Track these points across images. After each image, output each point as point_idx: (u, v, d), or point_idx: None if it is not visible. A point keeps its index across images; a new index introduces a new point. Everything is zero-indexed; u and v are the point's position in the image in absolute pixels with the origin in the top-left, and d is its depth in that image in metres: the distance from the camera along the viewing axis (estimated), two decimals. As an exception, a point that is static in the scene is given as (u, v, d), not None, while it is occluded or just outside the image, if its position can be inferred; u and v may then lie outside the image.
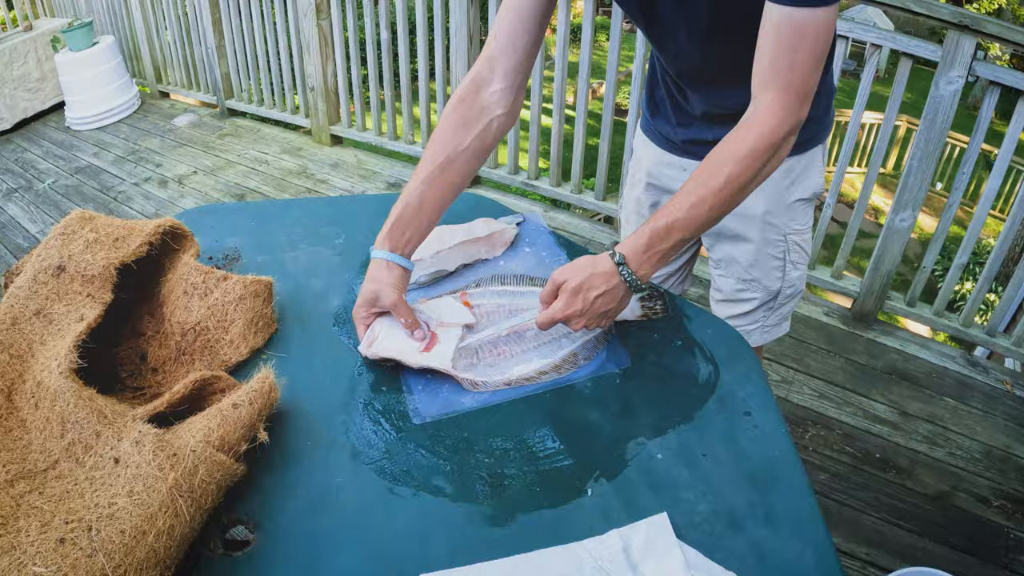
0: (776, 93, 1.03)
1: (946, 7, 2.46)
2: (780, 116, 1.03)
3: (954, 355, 2.87)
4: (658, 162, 1.47)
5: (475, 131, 1.18)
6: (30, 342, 1.02)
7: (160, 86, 5.88)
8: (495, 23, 1.22)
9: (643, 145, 1.53)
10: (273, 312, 1.14)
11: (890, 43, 2.62)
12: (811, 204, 1.42)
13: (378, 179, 4.18)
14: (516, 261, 1.29)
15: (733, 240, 1.44)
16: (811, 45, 1.00)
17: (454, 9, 3.51)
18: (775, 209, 1.36)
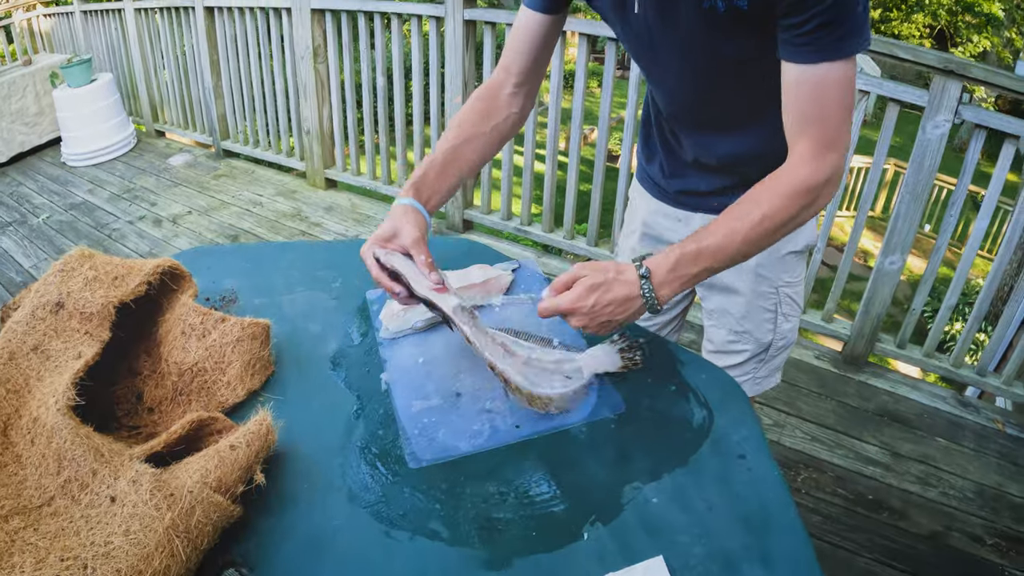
0: (807, 142, 1.05)
1: (932, 53, 2.51)
2: (813, 164, 1.04)
3: (945, 395, 2.89)
4: (654, 212, 1.49)
5: (494, 121, 1.29)
6: (27, 377, 1.03)
7: (156, 125, 5.93)
8: (508, 40, 1.32)
9: (639, 195, 1.55)
10: (270, 354, 1.15)
11: (877, 89, 2.67)
12: (803, 257, 1.44)
13: (372, 223, 4.21)
14: (512, 308, 1.30)
15: (725, 292, 1.45)
16: (836, 96, 1.02)
17: (449, 57, 3.57)
18: (767, 261, 1.38)
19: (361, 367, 1.17)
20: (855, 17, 0.97)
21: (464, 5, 3.42)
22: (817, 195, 1.06)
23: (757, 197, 1.06)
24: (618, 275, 1.05)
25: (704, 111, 1.25)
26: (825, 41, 0.98)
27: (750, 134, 1.24)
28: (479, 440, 1.03)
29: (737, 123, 1.24)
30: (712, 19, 1.05)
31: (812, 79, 1.01)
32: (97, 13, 6.03)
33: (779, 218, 1.05)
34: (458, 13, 3.44)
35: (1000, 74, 2.46)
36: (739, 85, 1.16)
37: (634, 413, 1.09)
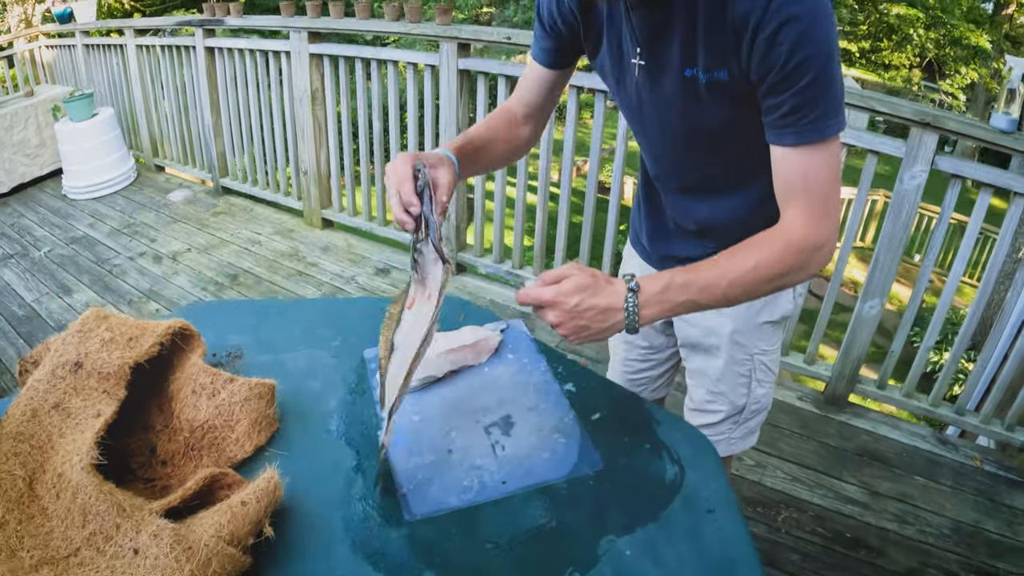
0: (797, 209, 1.10)
1: (909, 105, 2.59)
2: (806, 228, 1.09)
3: (924, 434, 2.96)
4: (642, 273, 1.58)
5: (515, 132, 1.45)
6: (49, 434, 1.11)
7: (156, 160, 6.00)
8: (521, 79, 1.47)
9: (630, 256, 1.65)
10: (275, 412, 1.24)
11: (855, 141, 2.74)
12: (779, 327, 1.50)
13: (367, 264, 4.26)
14: (500, 367, 1.39)
15: (705, 353, 1.53)
16: (821, 173, 1.08)
17: (444, 105, 3.67)
18: (743, 329, 1.46)
19: (359, 424, 1.25)
20: (830, 99, 1.03)
21: (458, 54, 3.52)
22: (809, 258, 1.10)
23: (752, 245, 1.11)
24: (607, 283, 1.07)
25: (685, 176, 1.34)
26: (802, 124, 1.04)
27: (728, 201, 1.32)
28: (468, 495, 1.12)
29: (716, 189, 1.32)
30: (694, 89, 1.12)
31: (795, 159, 1.08)
32: (99, 47, 6.10)
33: (770, 270, 1.09)
34: (452, 62, 3.54)
35: (975, 125, 2.54)
36: (719, 153, 1.24)
37: (611, 470, 1.17)
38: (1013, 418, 2.83)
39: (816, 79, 1.01)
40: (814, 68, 1.00)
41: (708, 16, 1.05)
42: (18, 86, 6.92)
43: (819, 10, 0.98)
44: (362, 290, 3.95)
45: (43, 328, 3.68)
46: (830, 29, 1.00)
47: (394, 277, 4.09)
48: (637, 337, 1.68)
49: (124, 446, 1.19)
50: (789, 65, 1.00)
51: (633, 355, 1.73)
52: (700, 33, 1.07)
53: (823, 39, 0.99)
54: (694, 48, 1.09)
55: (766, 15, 0.98)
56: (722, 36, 1.04)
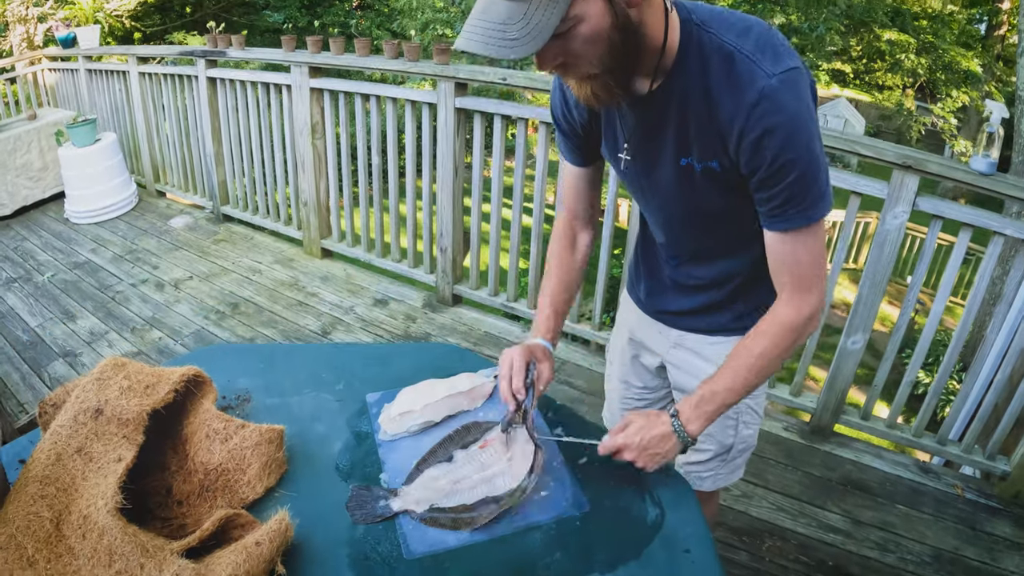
0: (787, 290, 1.27)
1: (891, 148, 2.66)
2: (796, 307, 1.26)
3: (907, 463, 3.01)
4: (639, 321, 1.69)
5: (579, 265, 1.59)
6: (73, 477, 1.19)
7: (158, 185, 6.06)
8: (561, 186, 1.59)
9: (627, 303, 1.76)
10: (285, 455, 1.33)
11: (839, 183, 2.77)
12: None
13: (366, 295, 4.31)
14: (493, 412, 1.49)
15: None
16: (808, 252, 1.23)
17: (441, 140, 3.75)
18: None
19: (363, 467, 1.35)
20: (817, 189, 1.16)
21: (456, 93, 3.61)
22: (801, 331, 1.28)
23: (751, 344, 1.29)
24: (657, 417, 1.29)
25: (683, 246, 1.47)
26: (791, 213, 1.18)
27: (724, 264, 1.44)
28: (463, 535, 1.21)
29: (712, 257, 1.44)
30: (690, 176, 1.24)
31: (785, 241, 1.22)
32: (102, 72, 6.17)
33: (771, 355, 1.27)
34: (450, 100, 3.63)
35: (955, 168, 2.61)
36: (714, 230, 1.37)
37: (597, 511, 1.27)
38: (994, 447, 2.90)
39: (801, 176, 1.13)
40: (798, 168, 1.12)
41: (697, 117, 1.16)
42: (20, 105, 7.00)
43: (800, 116, 1.10)
44: (360, 320, 4.01)
45: (48, 354, 3.73)
46: (812, 131, 1.12)
47: (392, 308, 4.15)
48: (632, 376, 1.79)
49: (142, 487, 1.27)
50: (775, 166, 1.12)
51: (630, 394, 1.83)
52: (692, 129, 1.18)
53: (805, 141, 1.11)
54: (688, 140, 1.20)
55: (749, 122, 1.10)
56: (711, 135, 1.16)
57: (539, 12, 0.98)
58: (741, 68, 1.09)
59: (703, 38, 1.13)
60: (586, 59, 1.07)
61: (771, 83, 1.07)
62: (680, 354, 1.60)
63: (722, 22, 1.14)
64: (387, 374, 1.62)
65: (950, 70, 13.90)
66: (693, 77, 1.14)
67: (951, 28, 14.50)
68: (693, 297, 1.52)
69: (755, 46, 1.10)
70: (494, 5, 0.99)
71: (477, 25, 1.00)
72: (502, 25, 0.99)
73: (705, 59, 1.12)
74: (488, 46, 0.99)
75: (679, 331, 1.60)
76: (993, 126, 2.57)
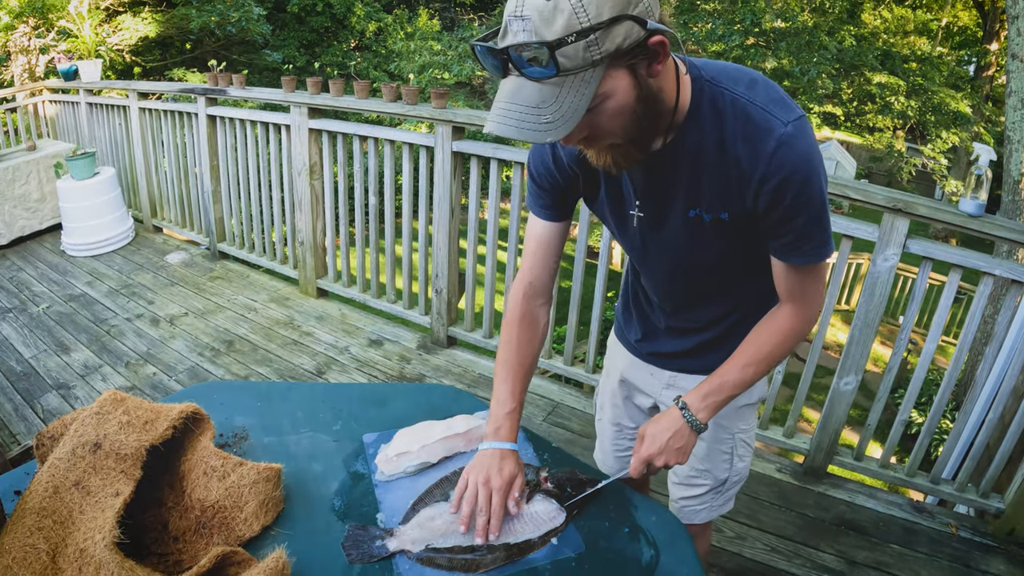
0: (793, 306, 1.35)
1: (881, 191, 2.72)
2: (800, 319, 1.35)
3: (900, 503, 3.02)
4: (629, 365, 1.73)
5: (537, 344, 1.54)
6: (70, 510, 1.20)
7: (155, 221, 6.09)
8: (527, 248, 1.54)
9: (615, 347, 1.79)
10: (282, 494, 1.34)
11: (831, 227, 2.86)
12: (755, 408, 1.67)
13: (361, 335, 4.32)
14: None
15: None
16: (815, 279, 1.32)
17: (438, 182, 3.79)
18: (725, 413, 1.59)
19: (359, 506, 1.36)
20: (824, 230, 1.23)
21: (452, 137, 3.66)
22: (801, 334, 1.37)
23: (760, 340, 1.37)
24: (667, 417, 1.37)
25: (683, 295, 1.51)
26: (804, 250, 1.25)
27: (724, 300, 1.49)
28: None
29: (709, 299, 1.48)
30: (698, 227, 1.28)
31: (796, 272, 1.30)
32: (103, 106, 6.23)
33: (777, 353, 1.36)
34: (447, 144, 3.68)
35: (944, 210, 2.66)
36: (715, 273, 1.41)
37: (592, 552, 1.28)
38: (988, 485, 2.91)
39: (815, 215, 1.20)
40: (813, 207, 1.19)
41: (710, 169, 1.20)
42: (19, 136, 7.04)
43: (812, 159, 1.16)
44: (355, 361, 4.02)
45: (41, 385, 3.72)
46: (822, 172, 1.19)
47: (386, 349, 4.16)
48: (624, 418, 1.82)
49: (139, 522, 1.28)
50: (793, 207, 1.18)
51: (623, 435, 1.85)
52: (704, 181, 1.22)
53: (818, 182, 1.18)
54: (698, 193, 1.24)
55: (770, 168, 1.15)
56: (727, 183, 1.21)
57: (571, 94, 1.00)
58: (758, 119, 1.14)
59: (715, 93, 1.17)
60: (611, 131, 1.10)
61: (787, 131, 1.13)
62: (673, 394, 1.63)
63: (729, 76, 1.19)
64: (384, 415, 1.64)
65: (940, 111, 14.01)
66: (708, 131, 1.18)
67: (940, 70, 14.65)
68: (689, 338, 1.56)
69: (766, 97, 1.16)
70: (524, 88, 1.01)
71: (510, 109, 1.02)
72: (536, 109, 1.00)
73: (719, 113, 1.17)
74: (523, 130, 1.01)
75: (672, 372, 1.63)
76: (981, 169, 2.62)
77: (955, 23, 19.92)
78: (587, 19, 0.95)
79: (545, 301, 1.56)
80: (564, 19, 0.95)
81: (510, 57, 0.99)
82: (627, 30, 0.99)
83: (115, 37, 11.49)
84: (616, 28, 0.98)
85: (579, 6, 0.95)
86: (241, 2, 13.14)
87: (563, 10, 0.95)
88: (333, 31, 17.85)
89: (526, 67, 0.99)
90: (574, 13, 0.95)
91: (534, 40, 0.96)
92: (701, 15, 12.45)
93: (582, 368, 3.73)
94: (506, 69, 1.02)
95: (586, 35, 0.96)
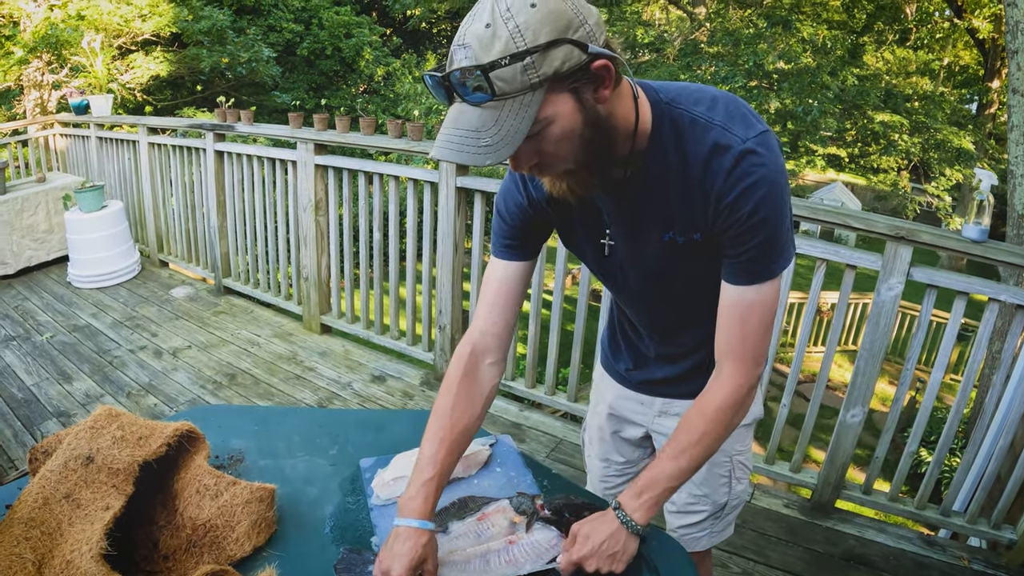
0: (733, 363, 1.28)
1: (883, 219, 2.70)
2: (739, 381, 1.28)
3: (911, 536, 2.96)
4: (618, 396, 1.70)
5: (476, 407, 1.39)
6: (59, 522, 1.19)
7: (161, 255, 6.13)
8: (483, 294, 1.44)
9: (603, 380, 1.76)
10: (275, 515, 1.33)
11: (834, 257, 2.82)
12: (751, 428, 1.65)
13: (364, 371, 4.31)
14: (488, 480, 1.49)
15: None
16: (759, 316, 1.25)
17: (442, 218, 3.80)
18: None
19: (354, 530, 1.34)
20: (780, 247, 1.20)
21: (456, 173, 3.68)
22: (742, 404, 1.30)
23: (691, 424, 1.29)
24: (602, 518, 1.27)
25: (668, 320, 1.49)
26: (755, 268, 1.21)
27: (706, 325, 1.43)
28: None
29: (699, 320, 1.45)
30: (674, 248, 1.28)
31: (743, 301, 1.24)
32: (112, 141, 6.29)
33: (714, 433, 1.28)
34: (451, 180, 3.70)
35: (947, 236, 2.64)
36: (696, 294, 1.38)
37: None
38: (999, 516, 2.86)
39: (770, 236, 1.18)
40: (769, 227, 1.17)
41: (676, 190, 1.20)
42: (30, 168, 7.14)
43: (771, 176, 1.14)
44: (358, 396, 4.00)
45: (41, 413, 3.72)
46: (782, 189, 1.16)
47: (389, 385, 4.14)
48: (613, 453, 1.79)
49: (129, 539, 1.26)
50: (747, 224, 1.16)
51: (611, 471, 1.83)
52: (672, 203, 1.22)
53: (776, 200, 1.16)
54: (669, 216, 1.24)
55: (726, 184, 1.14)
56: (692, 204, 1.20)
57: (510, 118, 1.00)
58: (716, 137, 1.14)
59: (675, 115, 1.17)
60: (560, 157, 1.09)
61: (746, 147, 1.13)
62: (667, 421, 1.61)
63: (688, 97, 1.19)
64: (382, 440, 1.63)
65: (943, 148, 14.09)
66: (669, 153, 1.18)
67: (943, 108, 14.76)
68: (679, 364, 1.54)
69: (725, 115, 1.15)
70: (465, 114, 1.01)
71: (452, 134, 1.02)
72: (475, 132, 1.01)
73: (679, 134, 1.17)
74: (463, 154, 1.01)
75: (664, 399, 1.61)
76: (983, 194, 2.59)
77: (956, 63, 20.08)
78: (523, 43, 0.96)
79: (496, 360, 1.42)
80: (501, 44, 0.96)
81: (451, 83, 1.00)
82: (566, 54, 0.99)
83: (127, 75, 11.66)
84: (554, 52, 0.98)
85: (516, 32, 0.96)
86: (251, 43, 13.35)
87: (501, 36, 0.96)
88: (342, 75, 18.09)
89: (468, 93, 1.00)
90: (511, 38, 0.96)
91: (471, 64, 0.98)
92: (704, 58, 12.59)
93: (585, 404, 3.68)
94: (451, 97, 1.03)
95: (521, 58, 0.97)
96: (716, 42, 12.83)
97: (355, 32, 17.00)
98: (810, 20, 14.41)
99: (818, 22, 15.00)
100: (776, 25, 12.83)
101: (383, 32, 18.89)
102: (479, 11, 1.00)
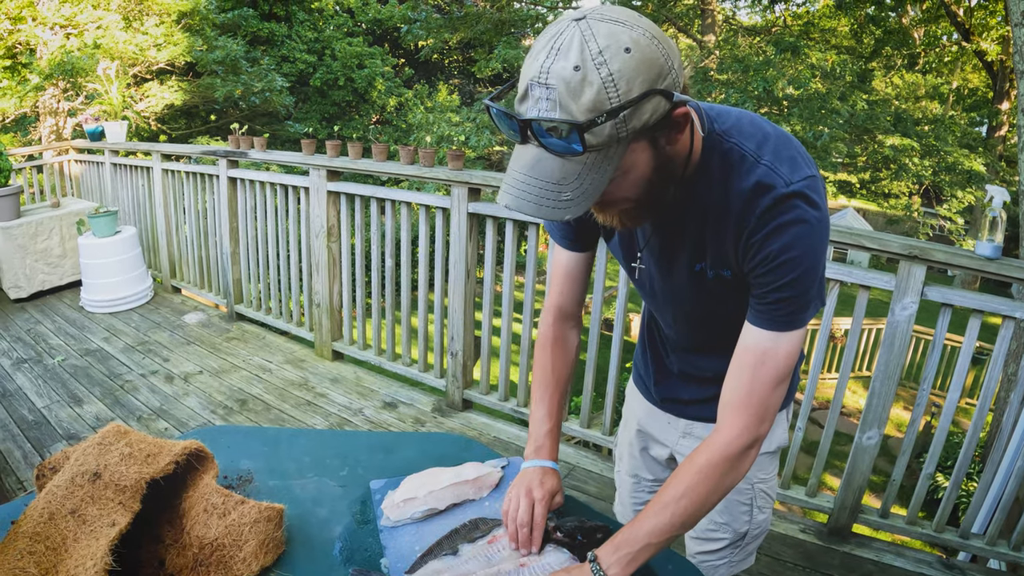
0: (734, 415, 1.21)
1: (896, 239, 2.69)
2: (736, 434, 1.20)
3: (930, 560, 2.92)
4: (647, 413, 1.69)
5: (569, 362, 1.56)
6: (64, 537, 1.18)
7: (174, 281, 6.16)
8: (552, 277, 1.57)
9: (633, 395, 1.75)
10: (283, 535, 1.31)
11: (847, 277, 2.81)
12: (775, 456, 1.61)
13: (375, 397, 4.30)
14: (499, 502, 1.46)
15: None
16: (771, 368, 1.19)
17: (454, 245, 3.81)
18: None
19: (363, 551, 1.33)
20: (806, 298, 1.16)
21: (469, 198, 3.69)
22: (737, 461, 1.21)
23: (679, 477, 1.22)
24: (577, 569, 1.19)
25: (693, 340, 1.48)
26: (779, 315, 1.17)
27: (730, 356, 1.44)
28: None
29: (722, 349, 1.40)
30: (702, 280, 1.26)
31: (758, 347, 1.19)
32: (127, 167, 6.35)
33: (701, 488, 1.20)
34: (463, 205, 3.71)
35: (961, 255, 2.63)
36: (723, 325, 1.35)
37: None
38: (1019, 537, 2.82)
39: (799, 282, 1.13)
40: (797, 272, 1.12)
41: (714, 223, 1.17)
42: (44, 194, 7.21)
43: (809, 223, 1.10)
44: (369, 422, 3.99)
45: (51, 435, 3.72)
46: (816, 241, 1.12)
47: (401, 412, 4.13)
48: (642, 470, 1.78)
49: (134, 557, 1.26)
50: (773, 264, 1.12)
51: (641, 487, 1.81)
52: (708, 235, 1.20)
53: (808, 248, 1.11)
54: (703, 247, 1.22)
55: (759, 223, 1.11)
56: (726, 240, 1.17)
57: (593, 171, 0.96)
58: (760, 175, 1.11)
59: (725, 148, 1.14)
60: (621, 198, 1.07)
61: (788, 190, 1.09)
62: (690, 443, 1.60)
63: (742, 131, 1.15)
64: (392, 462, 1.61)
65: (954, 171, 14.03)
66: (714, 186, 1.15)
67: (953, 131, 14.74)
68: (702, 388, 1.53)
69: (774, 155, 1.12)
70: (543, 162, 0.96)
71: (528, 182, 0.97)
72: (556, 185, 0.96)
73: (728, 168, 1.14)
74: (542, 207, 0.96)
75: (688, 420, 1.60)
76: (995, 210, 2.57)
77: (965, 86, 20.07)
78: (616, 96, 0.91)
79: (575, 324, 1.57)
80: (593, 94, 0.90)
81: (531, 128, 0.94)
82: (655, 106, 0.95)
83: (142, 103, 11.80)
84: (645, 105, 0.93)
85: (609, 80, 0.90)
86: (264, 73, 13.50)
87: (592, 83, 0.90)
88: (355, 105, 18.28)
89: (547, 138, 0.94)
90: (603, 88, 0.90)
91: (559, 117, 0.91)
92: (715, 84, 12.63)
93: (599, 430, 3.67)
94: (524, 137, 0.97)
95: (615, 114, 0.91)
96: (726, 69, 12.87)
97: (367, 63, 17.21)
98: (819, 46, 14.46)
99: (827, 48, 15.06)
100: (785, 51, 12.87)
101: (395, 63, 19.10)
102: (563, 46, 0.92)
